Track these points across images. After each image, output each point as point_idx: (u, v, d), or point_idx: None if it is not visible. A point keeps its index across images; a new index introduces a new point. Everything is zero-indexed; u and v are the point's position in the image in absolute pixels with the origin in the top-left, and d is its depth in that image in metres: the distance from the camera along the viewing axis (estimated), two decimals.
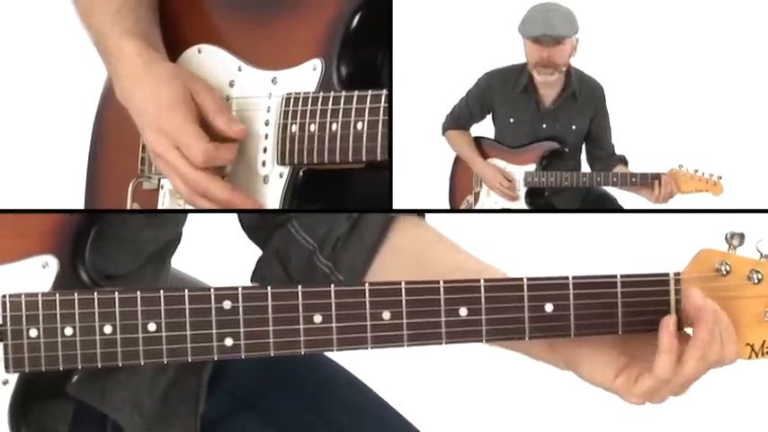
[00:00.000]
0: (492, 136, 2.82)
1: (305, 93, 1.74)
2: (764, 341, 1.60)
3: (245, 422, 1.87)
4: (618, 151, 2.75)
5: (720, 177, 2.61)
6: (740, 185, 2.63)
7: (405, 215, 1.81)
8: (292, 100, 1.75)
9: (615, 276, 1.60)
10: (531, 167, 2.77)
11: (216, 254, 1.95)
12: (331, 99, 1.71)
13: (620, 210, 2.78)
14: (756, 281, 1.59)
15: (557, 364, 1.70)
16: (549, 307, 1.60)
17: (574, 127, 2.75)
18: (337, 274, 1.78)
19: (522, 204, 2.78)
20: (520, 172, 2.77)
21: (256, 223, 1.85)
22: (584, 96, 2.73)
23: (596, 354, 1.65)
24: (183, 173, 1.74)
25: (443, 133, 2.83)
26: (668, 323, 1.59)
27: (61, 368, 1.59)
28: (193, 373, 1.83)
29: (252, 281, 1.85)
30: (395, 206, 1.80)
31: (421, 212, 1.85)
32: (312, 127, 1.72)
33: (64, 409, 1.69)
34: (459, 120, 2.82)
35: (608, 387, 1.65)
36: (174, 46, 1.87)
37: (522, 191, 2.77)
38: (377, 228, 1.79)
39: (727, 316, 1.59)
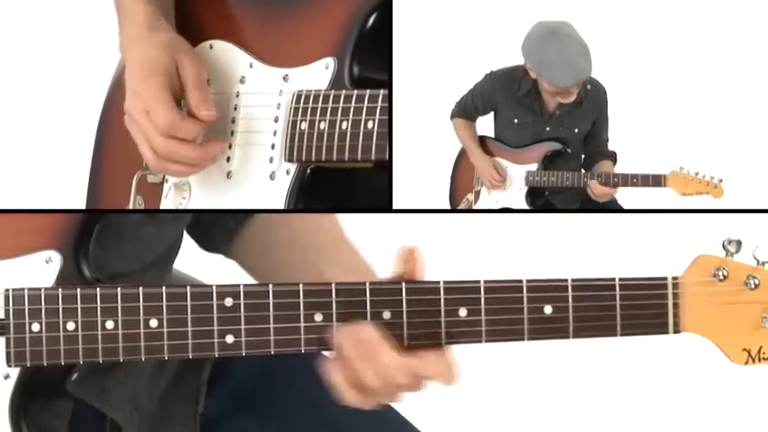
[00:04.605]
0: (492, 134, 2.83)
1: (316, 90, 1.73)
2: (761, 347, 1.61)
3: (245, 421, 1.87)
4: (619, 153, 2.77)
5: (721, 180, 2.62)
6: (740, 188, 2.64)
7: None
8: (303, 97, 1.74)
9: (614, 279, 1.61)
10: (533, 167, 2.77)
11: (216, 256, 1.95)
12: (342, 97, 1.71)
13: (620, 210, 2.79)
14: (753, 286, 1.60)
15: None
16: (548, 309, 1.61)
17: (577, 130, 2.76)
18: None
19: (522, 204, 2.78)
20: (521, 171, 2.78)
21: None
22: (589, 101, 2.74)
23: None
24: (150, 136, 1.75)
25: (451, 119, 2.84)
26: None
27: (63, 363, 1.60)
28: (193, 372, 1.83)
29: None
30: (395, 206, 1.81)
31: (421, 212, 1.85)
32: (322, 125, 1.72)
33: (63, 407, 1.69)
34: (465, 110, 2.83)
35: None
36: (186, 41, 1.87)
37: (523, 190, 2.78)
38: None
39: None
